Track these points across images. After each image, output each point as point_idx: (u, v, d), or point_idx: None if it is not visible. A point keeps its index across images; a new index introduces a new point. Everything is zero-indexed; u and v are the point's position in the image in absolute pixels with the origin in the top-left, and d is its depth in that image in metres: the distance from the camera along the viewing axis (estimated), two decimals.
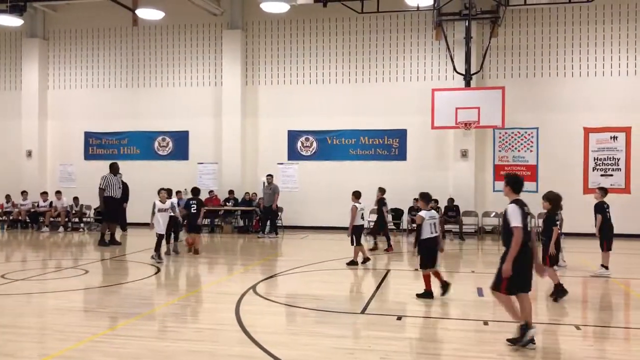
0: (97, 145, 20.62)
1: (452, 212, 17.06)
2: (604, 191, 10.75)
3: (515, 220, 6.08)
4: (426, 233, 8.57)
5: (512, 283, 6.13)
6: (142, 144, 20.21)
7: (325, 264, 12.00)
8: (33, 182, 20.08)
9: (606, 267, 10.68)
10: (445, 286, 8.67)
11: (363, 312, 7.88)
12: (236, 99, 19.23)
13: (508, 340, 6.25)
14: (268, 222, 17.19)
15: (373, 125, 18.62)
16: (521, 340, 6.14)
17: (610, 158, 17.50)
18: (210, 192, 18.88)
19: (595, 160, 17.60)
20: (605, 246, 10.64)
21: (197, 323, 7.39)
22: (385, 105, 18.55)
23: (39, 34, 20.66)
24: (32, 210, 19.03)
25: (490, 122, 16.92)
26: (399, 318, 7.50)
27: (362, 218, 11.75)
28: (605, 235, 10.55)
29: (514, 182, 6.42)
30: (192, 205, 13.28)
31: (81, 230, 18.39)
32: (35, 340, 6.72)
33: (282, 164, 18.97)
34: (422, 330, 7.15)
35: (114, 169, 15.10)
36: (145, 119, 20.12)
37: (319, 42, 19.13)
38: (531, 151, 17.85)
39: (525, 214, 6.20)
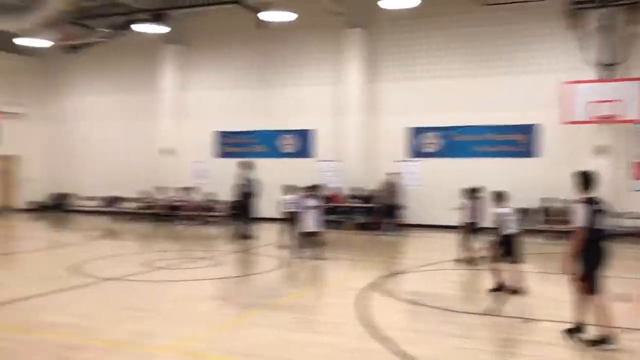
0: (228, 143, 21.77)
1: None
2: None
3: (578, 220, 6.01)
4: (504, 230, 8.80)
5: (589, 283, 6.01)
6: (270, 142, 21.04)
7: (449, 264, 11.80)
8: (170, 178, 21.62)
9: None
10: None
11: (486, 313, 7.70)
12: (358, 97, 19.42)
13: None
14: (390, 220, 17.22)
15: (499, 121, 17.97)
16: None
17: None
18: (333, 189, 19.24)
19: None
20: None
21: (321, 316, 7.62)
22: (512, 100, 17.81)
23: (176, 40, 22.18)
24: (170, 204, 20.51)
25: (629, 116, 15.67)
26: (526, 320, 7.24)
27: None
28: None
29: (580, 180, 6.46)
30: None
31: (214, 223, 19.42)
32: (175, 324, 7.29)
33: (404, 161, 18.88)
34: (549, 334, 6.85)
35: (249, 166, 15.68)
36: (273, 118, 20.92)
37: (441, 36, 18.77)
38: None
39: (596, 212, 5.97)
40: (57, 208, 23.95)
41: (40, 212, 23.92)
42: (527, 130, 17.71)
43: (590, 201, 6.14)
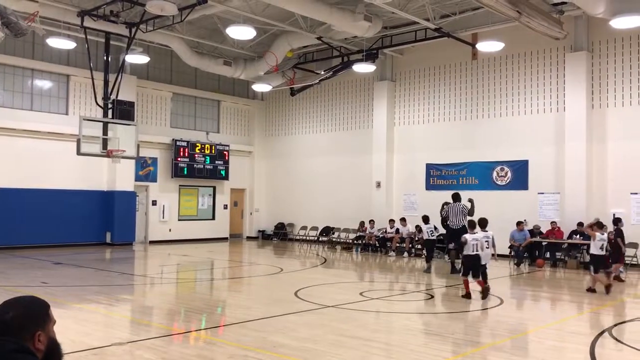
0: (437, 176, 21.64)
1: None
2: None
3: None
4: (467, 250, 11.07)
5: None
6: (481, 174, 20.43)
7: None
8: (381, 210, 22.13)
9: None
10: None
11: None
12: (581, 123, 17.95)
13: None
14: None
15: None
16: None
17: None
18: (552, 223, 17.91)
19: None
20: None
21: (545, 359, 7.04)
22: None
23: (387, 77, 22.89)
24: (381, 235, 20.92)
25: None
26: None
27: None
28: None
29: None
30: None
31: (423, 256, 19.27)
32: (389, 356, 7.32)
33: (636, 194, 16.86)
34: None
35: (457, 198, 15.37)
36: (484, 149, 20.32)
37: None
38: None
39: None
40: (280, 236, 25.97)
41: (265, 240, 26.18)
42: None
43: None
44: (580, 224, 16.62)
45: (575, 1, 14.66)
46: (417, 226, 19.06)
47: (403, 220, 20.52)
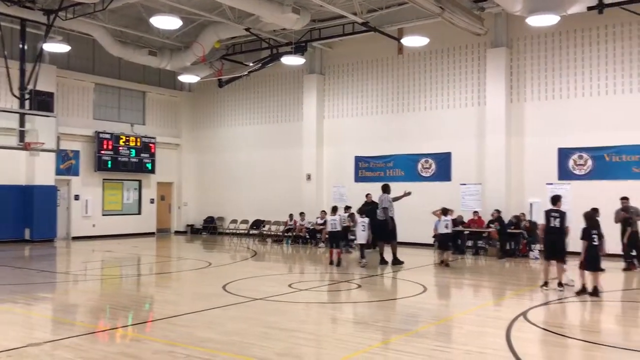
0: (365, 168, 22.00)
1: None
2: None
3: None
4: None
5: None
6: (407, 166, 20.93)
7: (606, 294, 10.84)
8: (311, 202, 22.27)
9: None
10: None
11: None
12: (500, 117, 18.72)
13: None
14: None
15: None
16: None
17: None
18: (475, 212, 18.62)
19: None
20: None
21: (468, 345, 7.32)
22: None
23: (316, 70, 23.00)
24: (311, 227, 21.06)
25: None
26: None
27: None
28: None
29: None
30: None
31: (350, 250, 19.45)
32: (319, 346, 7.42)
33: (551, 184, 17.78)
34: None
35: (387, 190, 15.55)
36: (410, 142, 20.83)
37: (593, 51, 17.58)
38: None
39: None
40: (209, 230, 25.64)
41: (193, 234, 25.79)
42: None
43: None
44: (496, 212, 17.56)
45: None
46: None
47: (334, 210, 20.52)
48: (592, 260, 10.53)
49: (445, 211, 15.73)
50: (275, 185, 23.92)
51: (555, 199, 11.57)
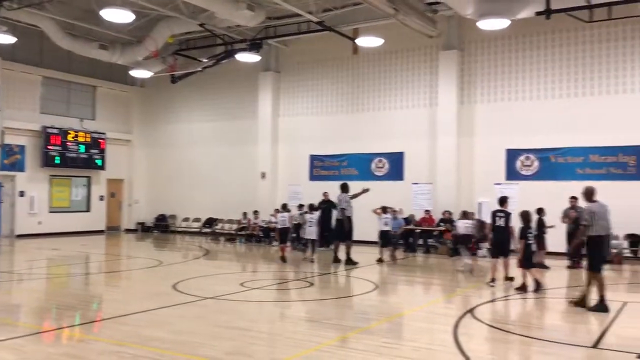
0: (320, 167, 22.07)
1: None
2: None
3: None
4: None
5: None
6: (361, 165, 21.11)
7: (552, 292, 11.21)
8: (266, 201, 22.18)
9: None
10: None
11: (595, 346, 7.21)
12: (451, 119, 19.09)
13: None
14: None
15: (605, 142, 16.97)
16: None
17: None
18: (427, 211, 18.94)
19: None
20: None
21: (415, 342, 7.45)
22: (619, 120, 16.80)
23: (272, 68, 22.92)
24: (265, 225, 20.98)
25: None
26: None
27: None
28: None
29: None
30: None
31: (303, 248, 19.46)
32: (269, 344, 7.41)
33: (500, 184, 18.25)
34: None
35: (346, 189, 15.45)
36: (364, 141, 21.00)
37: (541, 55, 18.13)
38: None
39: None
40: (160, 229, 25.23)
41: (144, 233, 25.32)
42: (636, 151, 16.62)
43: None
44: (445, 213, 17.92)
45: (447, 1, 15.51)
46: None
47: (284, 207, 20.43)
48: (528, 257, 11.08)
49: (384, 209, 16.03)
50: (229, 183, 23.72)
51: (502, 200, 12.09)
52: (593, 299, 9.33)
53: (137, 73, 22.82)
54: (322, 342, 7.20)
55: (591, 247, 9.40)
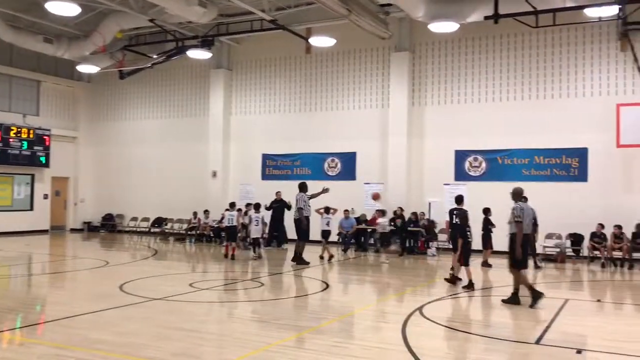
0: (273, 166, 21.97)
1: None
2: None
3: None
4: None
5: None
6: (313, 165, 21.12)
7: (496, 289, 11.48)
8: (217, 200, 21.90)
9: None
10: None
11: (538, 342, 7.41)
12: (403, 119, 19.33)
13: None
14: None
15: (549, 144, 17.53)
16: None
17: None
18: (377, 211, 19.10)
19: None
20: None
21: (364, 340, 7.48)
22: (563, 123, 17.39)
23: (224, 65, 22.68)
24: (216, 225, 20.71)
25: None
26: (579, 352, 6.92)
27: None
28: None
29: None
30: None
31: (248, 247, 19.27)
32: (217, 345, 7.30)
33: (448, 184, 18.60)
34: None
35: (304, 189, 15.28)
36: (317, 141, 21.03)
37: (489, 59, 18.57)
38: None
39: None
40: (108, 228, 24.60)
41: (91, 232, 24.63)
42: (579, 153, 17.21)
43: None
44: (395, 212, 18.15)
45: (398, 4, 15.68)
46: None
47: (239, 210, 20.34)
48: (467, 255, 11.49)
49: (327, 209, 16.38)
50: (179, 182, 23.34)
51: (458, 199, 12.47)
52: (525, 295, 9.61)
53: (84, 68, 22.19)
54: (272, 342, 7.14)
55: (521, 244, 9.79)
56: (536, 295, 9.58)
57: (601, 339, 7.70)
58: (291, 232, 17.27)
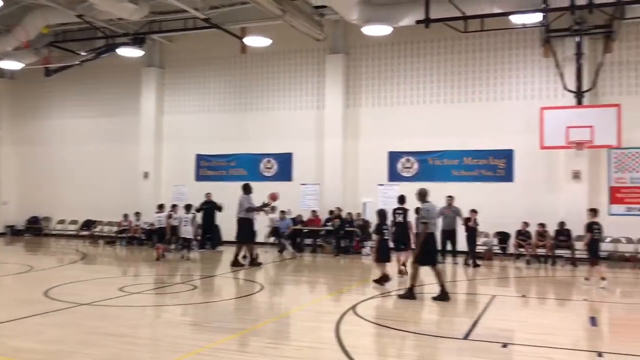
0: (207, 167, 21.66)
1: (563, 237, 16.16)
2: (595, 212, 12.61)
3: None
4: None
5: None
6: (249, 166, 20.98)
7: (427, 287, 11.76)
8: (149, 202, 21.35)
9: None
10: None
11: (466, 337, 7.65)
12: (338, 121, 19.51)
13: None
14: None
15: (477, 146, 18.15)
16: None
17: None
18: (313, 212, 19.20)
19: None
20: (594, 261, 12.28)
21: (298, 341, 7.50)
22: (490, 125, 18.04)
23: (156, 64, 22.18)
24: (148, 227, 20.19)
25: (604, 141, 15.96)
26: (505, 345, 7.20)
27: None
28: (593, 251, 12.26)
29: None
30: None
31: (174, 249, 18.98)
32: (148, 350, 7.13)
33: (382, 185, 18.92)
34: (529, 359, 6.81)
35: (248, 190, 14.97)
36: (252, 141, 20.90)
37: (421, 62, 19.03)
38: None
39: None
40: (33, 232, 23.53)
41: (15, 236, 23.49)
42: (505, 155, 17.89)
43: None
44: (331, 212, 18.37)
45: (333, 6, 15.82)
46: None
47: (160, 207, 19.62)
48: (383, 252, 11.83)
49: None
50: (110, 183, 22.63)
51: (401, 199, 13.20)
52: (434, 291, 9.91)
53: (6, 64, 21.13)
54: (205, 345, 7.04)
55: (423, 243, 10.24)
56: (412, 295, 10.16)
57: (525, 332, 8.03)
58: (227, 234, 17.14)
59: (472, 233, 15.68)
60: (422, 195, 10.62)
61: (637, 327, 8.97)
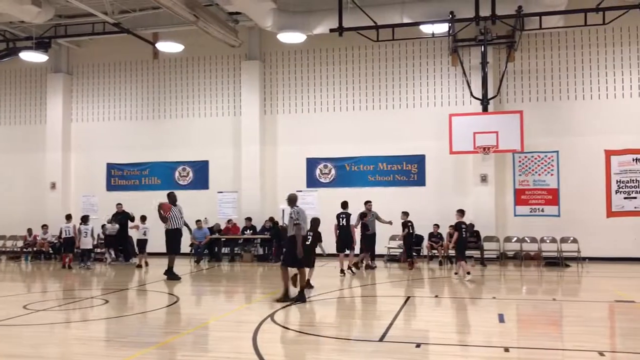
0: (119, 176, 20.92)
1: (472, 238, 16.86)
2: (462, 213, 13.80)
3: None
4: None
5: None
6: (163, 174, 20.46)
7: (344, 292, 11.90)
8: (57, 214, 20.32)
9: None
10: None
11: (381, 339, 7.79)
12: (255, 128, 19.43)
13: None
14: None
15: (391, 151, 18.63)
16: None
17: (633, 180, 17.22)
18: (229, 220, 18.97)
19: (618, 183, 17.32)
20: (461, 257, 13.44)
21: (215, 352, 7.36)
22: (403, 131, 18.58)
23: (63, 69, 21.22)
24: (55, 241, 19.24)
25: (509, 146, 16.83)
26: (418, 345, 7.39)
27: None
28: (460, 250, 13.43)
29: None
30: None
31: (89, 262, 18.42)
32: None
33: (301, 191, 18.99)
34: (442, 358, 7.02)
35: (173, 199, 14.38)
36: (166, 149, 20.41)
37: (336, 70, 19.32)
38: (552, 175, 17.67)
39: None
40: None
41: None
42: (418, 160, 18.48)
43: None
44: (248, 219, 18.35)
45: (247, 13, 15.77)
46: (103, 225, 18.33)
47: (68, 218, 18.68)
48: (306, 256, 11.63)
49: (143, 218, 17.28)
50: (12, 195, 21.37)
51: (344, 204, 14.55)
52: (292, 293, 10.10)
53: None
54: None
55: (294, 245, 10.71)
56: (303, 298, 10.58)
57: (438, 332, 8.29)
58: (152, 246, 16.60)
59: (368, 234, 15.84)
60: (293, 200, 11.12)
61: (541, 322, 9.48)
